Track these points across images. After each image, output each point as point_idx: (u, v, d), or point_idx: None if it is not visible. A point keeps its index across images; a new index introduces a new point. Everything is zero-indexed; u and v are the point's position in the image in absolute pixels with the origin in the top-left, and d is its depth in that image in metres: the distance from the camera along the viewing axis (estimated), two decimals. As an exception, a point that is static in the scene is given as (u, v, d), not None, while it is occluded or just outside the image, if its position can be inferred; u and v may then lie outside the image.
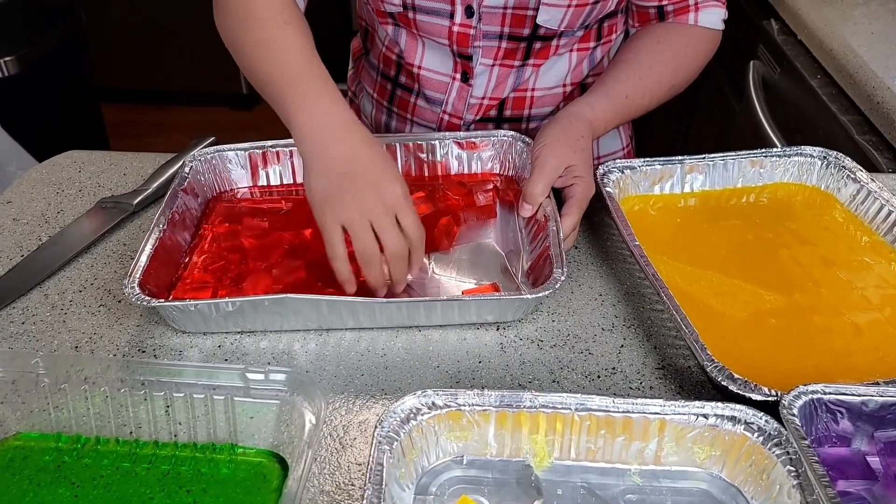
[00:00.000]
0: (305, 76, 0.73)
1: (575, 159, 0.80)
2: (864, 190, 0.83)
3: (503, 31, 0.88)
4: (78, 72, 2.11)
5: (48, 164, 0.97)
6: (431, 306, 0.69)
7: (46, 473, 0.58)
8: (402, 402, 0.56)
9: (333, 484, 0.58)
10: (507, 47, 0.89)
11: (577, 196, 0.79)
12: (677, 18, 0.90)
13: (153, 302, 0.67)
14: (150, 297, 0.68)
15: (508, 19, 0.87)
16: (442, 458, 0.58)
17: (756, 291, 0.74)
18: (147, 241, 0.73)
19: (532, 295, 0.69)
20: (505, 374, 0.67)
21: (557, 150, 0.80)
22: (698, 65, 0.92)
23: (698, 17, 0.89)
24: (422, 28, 0.89)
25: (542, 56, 0.91)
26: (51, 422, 0.60)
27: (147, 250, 0.72)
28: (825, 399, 0.58)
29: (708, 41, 0.91)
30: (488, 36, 0.88)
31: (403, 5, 0.88)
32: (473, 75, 0.91)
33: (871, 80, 1.16)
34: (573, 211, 0.78)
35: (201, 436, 0.60)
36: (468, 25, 0.87)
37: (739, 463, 0.57)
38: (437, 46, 0.91)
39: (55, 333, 0.71)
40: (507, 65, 0.91)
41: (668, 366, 0.69)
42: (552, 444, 0.58)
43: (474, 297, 0.69)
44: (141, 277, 0.69)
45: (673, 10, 0.90)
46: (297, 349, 0.70)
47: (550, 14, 0.85)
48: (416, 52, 0.92)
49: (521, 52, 0.90)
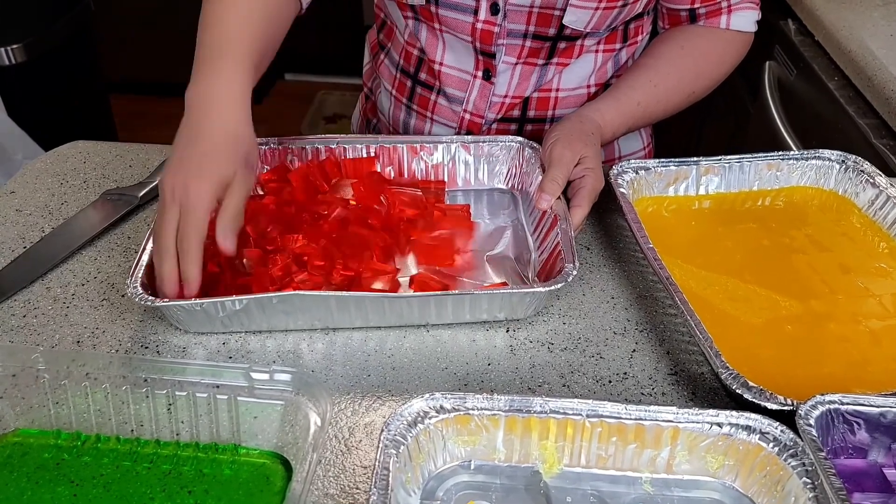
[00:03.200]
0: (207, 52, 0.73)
1: (587, 151, 0.79)
2: (882, 195, 0.82)
3: (528, 29, 0.86)
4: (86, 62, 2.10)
5: (52, 155, 0.96)
6: (442, 301, 0.68)
7: (45, 471, 0.57)
8: (410, 405, 0.55)
9: (338, 487, 0.57)
10: (531, 46, 0.88)
11: (587, 187, 0.78)
12: (708, 21, 0.88)
13: (157, 302, 0.65)
14: (153, 296, 0.66)
15: (534, 18, 0.85)
16: (449, 463, 0.57)
17: (772, 297, 0.73)
18: (148, 239, 0.71)
19: (544, 288, 0.67)
20: (514, 378, 0.66)
21: (571, 143, 0.80)
22: (724, 70, 0.91)
23: (731, 20, 0.88)
24: (444, 23, 0.88)
25: (566, 56, 0.89)
26: (50, 418, 0.59)
27: (149, 248, 0.70)
28: (842, 409, 0.57)
29: (739, 44, 0.90)
30: (513, 34, 0.86)
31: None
32: (496, 73, 0.89)
33: (890, 83, 1.14)
34: (584, 203, 0.77)
35: (204, 435, 0.59)
36: (492, 22, 0.85)
37: (753, 473, 0.56)
38: (458, 43, 0.89)
39: (57, 327, 0.70)
40: (530, 63, 0.89)
41: (681, 371, 0.67)
42: (562, 451, 0.57)
43: (485, 292, 0.68)
44: (143, 277, 0.67)
45: (705, 12, 0.88)
46: (303, 348, 0.68)
47: (578, 15, 0.84)
48: (437, 49, 0.91)
49: (545, 52, 0.88)
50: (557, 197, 0.77)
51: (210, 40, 0.74)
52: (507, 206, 0.86)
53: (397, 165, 0.87)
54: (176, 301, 0.66)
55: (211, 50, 0.73)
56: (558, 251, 0.72)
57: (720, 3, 0.87)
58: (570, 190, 0.79)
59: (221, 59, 0.72)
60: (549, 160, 0.79)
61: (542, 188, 0.78)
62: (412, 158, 0.87)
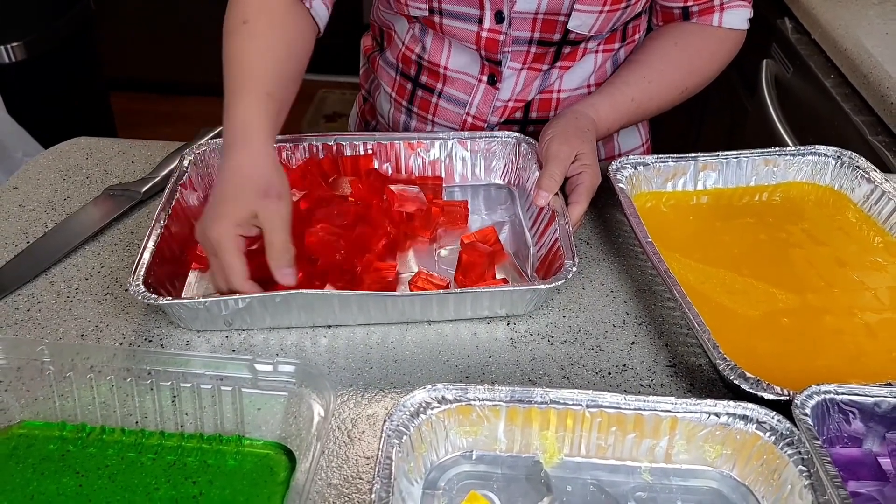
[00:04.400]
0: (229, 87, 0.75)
1: (584, 148, 0.80)
2: (877, 190, 0.83)
3: (533, 36, 0.86)
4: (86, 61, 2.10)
5: (55, 151, 0.96)
6: (444, 299, 0.68)
7: (50, 462, 0.57)
8: (412, 396, 0.56)
9: (341, 477, 0.57)
10: (536, 52, 0.88)
11: (585, 184, 0.78)
12: (701, 19, 0.89)
13: (160, 300, 0.65)
14: (156, 294, 0.66)
15: (539, 25, 0.85)
16: (451, 453, 0.58)
17: (769, 291, 0.73)
18: (149, 237, 0.71)
19: (545, 286, 0.68)
20: (515, 370, 0.67)
21: (567, 139, 0.80)
22: (716, 67, 0.91)
23: (723, 17, 0.88)
24: (448, 33, 0.88)
25: (570, 59, 0.90)
26: (55, 410, 0.60)
27: (150, 247, 0.70)
28: (838, 399, 0.58)
29: (731, 42, 0.91)
30: (518, 41, 0.87)
31: (430, 9, 0.86)
32: (501, 79, 0.90)
33: (886, 81, 1.15)
34: (582, 199, 0.78)
35: (208, 427, 0.59)
36: (497, 31, 0.86)
37: (751, 462, 0.56)
38: (464, 48, 0.89)
39: (60, 321, 0.70)
40: (535, 68, 0.90)
41: (680, 363, 0.68)
42: (562, 441, 0.58)
43: (486, 289, 0.68)
44: (145, 275, 0.68)
45: (698, 10, 0.89)
46: (306, 342, 0.69)
47: (582, 20, 0.84)
48: (443, 53, 0.91)
49: (549, 56, 0.89)
50: (555, 193, 0.78)
51: (231, 75, 0.75)
52: (504, 202, 0.87)
53: (395, 162, 0.87)
54: (177, 300, 0.66)
55: (233, 85, 0.75)
56: (557, 247, 0.73)
57: (713, 0, 0.88)
58: (567, 186, 0.80)
59: (240, 95, 0.74)
60: (546, 157, 0.80)
61: (540, 185, 0.78)
62: (409, 155, 0.87)
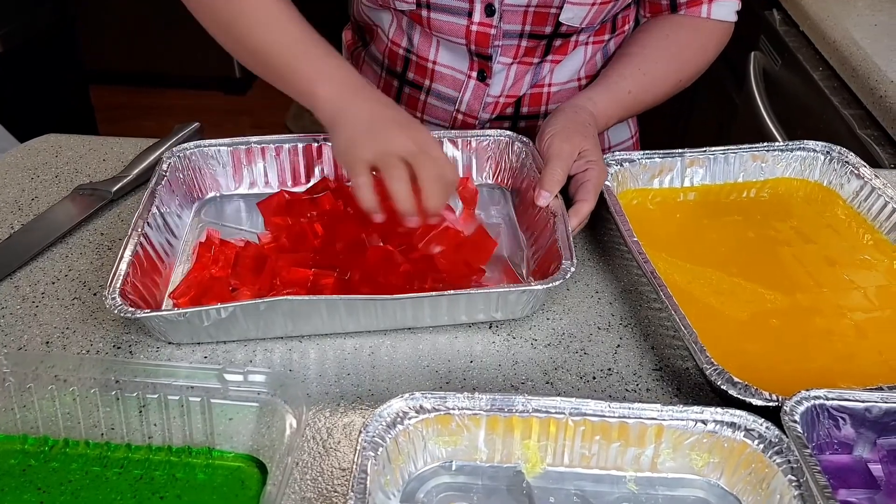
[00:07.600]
0: (309, 45, 0.74)
1: (587, 144, 0.77)
2: (867, 186, 0.81)
3: (524, 29, 0.84)
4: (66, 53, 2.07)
5: (23, 149, 0.93)
6: (436, 302, 0.65)
7: (11, 478, 0.55)
8: (389, 406, 0.54)
9: (315, 491, 0.55)
10: (527, 46, 0.86)
11: (592, 180, 0.75)
12: (689, 10, 0.88)
13: (138, 313, 0.62)
14: (134, 307, 0.63)
15: (530, 17, 0.83)
16: (430, 464, 0.56)
17: (757, 291, 0.72)
18: (126, 246, 0.68)
19: (542, 286, 0.65)
20: (497, 375, 0.65)
21: (569, 136, 0.77)
22: (707, 59, 0.90)
23: (711, 9, 0.87)
24: (435, 27, 0.86)
25: (560, 52, 0.88)
26: (17, 423, 0.57)
27: (126, 257, 0.67)
28: (827, 405, 0.56)
29: (719, 33, 0.89)
30: (508, 35, 0.85)
31: (417, 3, 0.84)
32: (491, 74, 0.88)
33: (874, 74, 1.14)
34: (590, 196, 0.75)
35: (177, 439, 0.57)
36: (488, 24, 0.83)
37: (739, 471, 0.55)
38: (451, 45, 0.87)
39: (25, 328, 0.68)
40: (525, 62, 0.88)
41: (666, 367, 0.66)
42: (545, 450, 0.56)
43: (481, 291, 0.66)
44: (121, 286, 0.64)
45: (685, 1, 0.87)
46: (279, 349, 0.67)
47: (574, 12, 0.82)
48: (431, 48, 0.89)
49: (540, 50, 0.87)
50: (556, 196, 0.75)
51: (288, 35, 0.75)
52: (497, 203, 0.84)
53: None
54: (156, 312, 0.63)
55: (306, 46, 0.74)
56: (553, 248, 0.70)
57: None
58: (572, 184, 0.77)
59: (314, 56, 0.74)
60: (548, 155, 0.77)
61: (542, 185, 0.75)
62: None
